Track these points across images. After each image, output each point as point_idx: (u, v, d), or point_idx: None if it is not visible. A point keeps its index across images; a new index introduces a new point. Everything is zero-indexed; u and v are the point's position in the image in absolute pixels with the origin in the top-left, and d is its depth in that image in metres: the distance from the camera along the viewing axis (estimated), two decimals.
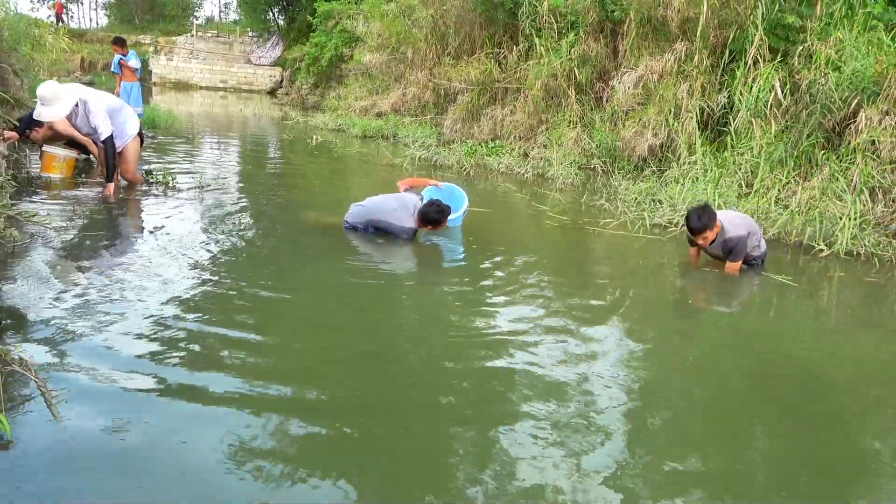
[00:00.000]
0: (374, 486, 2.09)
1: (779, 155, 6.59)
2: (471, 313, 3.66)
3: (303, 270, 4.28)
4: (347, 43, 19.15)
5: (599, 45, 9.61)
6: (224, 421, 2.35)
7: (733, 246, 4.52)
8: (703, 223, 4.37)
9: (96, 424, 2.26)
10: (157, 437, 2.22)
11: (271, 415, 2.44)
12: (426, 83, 12.98)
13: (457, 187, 5.64)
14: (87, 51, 28.43)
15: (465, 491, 2.08)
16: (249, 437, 2.27)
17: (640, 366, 3.15)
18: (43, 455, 2.09)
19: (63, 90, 5.51)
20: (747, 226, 4.58)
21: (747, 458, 2.45)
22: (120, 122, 5.89)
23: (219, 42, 31.48)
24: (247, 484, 2.04)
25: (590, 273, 4.90)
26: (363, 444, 2.33)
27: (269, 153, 10.99)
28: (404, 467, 2.21)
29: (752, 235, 4.58)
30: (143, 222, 5.20)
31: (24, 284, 3.47)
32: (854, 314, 4.40)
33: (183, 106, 19.14)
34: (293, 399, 2.59)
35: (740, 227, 4.54)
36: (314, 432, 2.36)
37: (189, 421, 2.35)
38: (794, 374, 3.24)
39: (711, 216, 4.39)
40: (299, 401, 2.59)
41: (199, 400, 2.49)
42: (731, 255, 4.56)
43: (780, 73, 7.07)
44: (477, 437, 2.42)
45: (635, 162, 8.33)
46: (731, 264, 4.59)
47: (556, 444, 2.38)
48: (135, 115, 6.28)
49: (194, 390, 2.56)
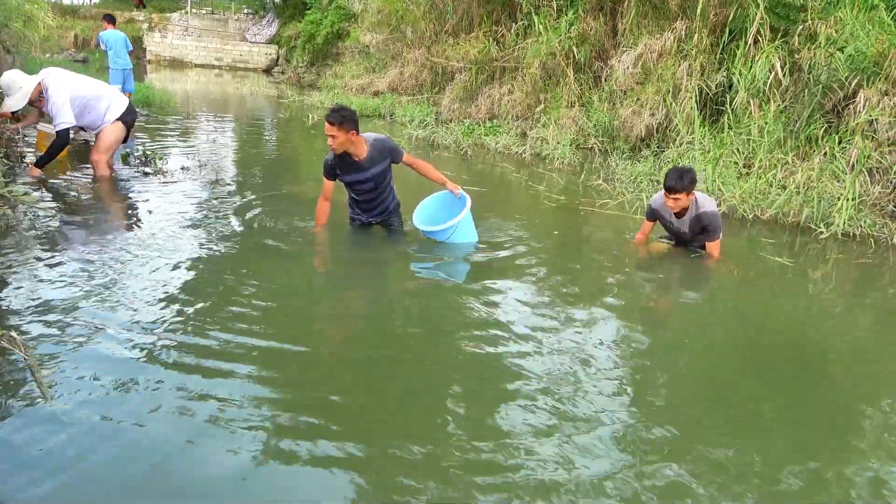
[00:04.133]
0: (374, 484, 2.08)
1: (778, 135, 6.55)
2: (466, 296, 3.65)
3: (294, 259, 4.26)
4: (343, 20, 18.92)
5: (598, 24, 9.51)
6: (218, 406, 2.35)
7: (709, 221, 4.30)
8: (683, 184, 4.11)
9: (85, 405, 2.26)
10: (147, 420, 2.22)
11: (266, 394, 2.44)
12: (424, 62, 12.86)
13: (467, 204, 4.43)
14: (81, 27, 28.00)
15: (467, 491, 2.09)
16: (242, 419, 2.27)
17: (639, 346, 3.16)
18: (31, 434, 2.09)
19: (22, 79, 5.14)
20: (715, 204, 4.40)
21: (747, 428, 2.46)
22: (101, 108, 5.49)
23: (214, 19, 31.03)
24: (240, 470, 2.04)
25: (588, 255, 4.89)
26: (360, 435, 2.33)
27: (265, 133, 10.90)
28: (405, 466, 2.21)
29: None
30: (136, 203, 5.15)
31: (15, 264, 3.45)
32: (849, 294, 4.41)
33: (178, 84, 18.95)
34: (289, 379, 2.59)
35: (711, 202, 4.37)
36: (320, 425, 2.37)
37: (181, 403, 2.34)
38: (791, 356, 3.25)
39: (693, 180, 4.16)
40: (299, 383, 2.59)
41: (192, 382, 2.48)
42: (707, 234, 4.36)
43: (781, 53, 7.01)
44: (477, 426, 2.42)
45: (633, 142, 8.29)
46: (712, 245, 4.38)
47: (559, 437, 2.39)
48: (121, 101, 5.70)
49: (187, 372, 2.55)
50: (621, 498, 2.04)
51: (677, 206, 4.24)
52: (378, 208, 4.51)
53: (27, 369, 2.39)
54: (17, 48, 9.42)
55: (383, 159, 4.28)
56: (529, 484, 2.05)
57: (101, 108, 5.49)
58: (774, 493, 2.13)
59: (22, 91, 5.11)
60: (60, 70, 5.47)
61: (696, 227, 4.36)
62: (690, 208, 4.32)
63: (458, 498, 1.98)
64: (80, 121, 5.45)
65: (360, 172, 4.25)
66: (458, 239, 4.43)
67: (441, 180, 4.45)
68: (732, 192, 5.95)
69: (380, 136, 4.32)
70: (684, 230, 4.42)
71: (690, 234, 4.41)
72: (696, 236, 4.42)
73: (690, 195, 4.21)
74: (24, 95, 5.11)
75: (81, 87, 5.38)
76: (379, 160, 4.26)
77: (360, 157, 4.19)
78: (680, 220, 4.39)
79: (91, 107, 5.43)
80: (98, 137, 5.63)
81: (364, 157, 4.20)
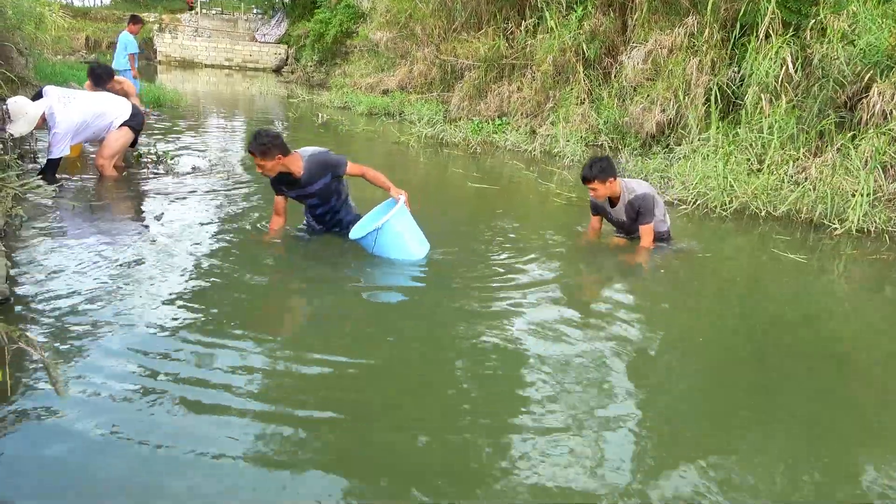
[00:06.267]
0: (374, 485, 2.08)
1: (790, 131, 6.49)
2: (474, 295, 3.64)
3: (307, 259, 4.27)
4: (352, 19, 18.95)
5: (609, 20, 9.47)
6: (229, 410, 2.34)
7: (639, 205, 4.24)
8: (594, 173, 4.12)
9: (99, 406, 2.28)
10: (160, 422, 2.24)
11: (280, 399, 2.45)
12: (433, 60, 12.85)
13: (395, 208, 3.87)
14: (92, 29, 28.21)
15: (471, 490, 2.08)
16: (257, 430, 2.27)
17: (651, 345, 3.14)
18: (46, 433, 2.10)
19: (25, 106, 5.11)
20: (650, 189, 4.35)
21: (762, 417, 2.45)
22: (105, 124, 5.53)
23: (223, 19, 31.20)
24: (249, 478, 2.03)
25: (596, 253, 4.86)
26: (363, 441, 2.33)
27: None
28: (405, 465, 2.21)
29: (656, 203, 4.32)
30: (148, 204, 5.18)
31: (32, 263, 3.48)
32: (864, 290, 4.36)
33: (189, 84, 19.05)
34: (299, 383, 2.60)
35: (644, 186, 4.33)
36: (325, 419, 2.37)
37: (193, 404, 2.35)
38: (806, 352, 3.22)
39: (607, 169, 4.14)
40: (305, 386, 2.59)
41: (205, 384, 2.48)
42: (640, 218, 4.28)
43: (792, 48, 6.95)
44: (483, 423, 2.42)
45: (643, 138, 8.25)
46: (644, 228, 4.28)
47: (572, 433, 2.38)
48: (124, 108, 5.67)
49: (200, 371, 2.56)
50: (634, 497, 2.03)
51: (600, 196, 4.26)
52: (331, 221, 4.34)
53: (41, 369, 2.41)
54: (29, 50, 9.50)
55: (324, 174, 4.06)
56: (533, 485, 2.05)
57: (105, 124, 5.55)
58: (797, 489, 2.11)
59: (27, 118, 5.11)
60: (63, 93, 5.42)
61: (631, 214, 4.31)
62: (622, 195, 4.29)
63: (457, 499, 1.98)
64: (84, 138, 5.60)
65: (302, 189, 4.09)
66: (391, 252, 3.89)
67: (385, 186, 4.08)
68: (744, 188, 5.91)
69: (317, 151, 4.11)
70: (622, 218, 4.38)
71: (629, 221, 4.34)
72: (635, 223, 4.34)
73: (608, 183, 4.18)
74: (29, 123, 5.13)
75: (82, 111, 5.36)
76: (319, 175, 4.05)
77: (297, 174, 4.01)
78: (615, 209, 4.35)
79: (94, 127, 5.49)
80: (104, 142, 5.65)
81: (302, 175, 4.01)
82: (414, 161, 8.47)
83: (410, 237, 3.96)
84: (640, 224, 4.30)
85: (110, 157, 5.65)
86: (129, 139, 5.76)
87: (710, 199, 5.89)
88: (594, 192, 4.24)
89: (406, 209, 3.92)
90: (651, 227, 4.29)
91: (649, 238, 4.32)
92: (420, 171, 5.06)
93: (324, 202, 4.20)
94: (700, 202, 5.91)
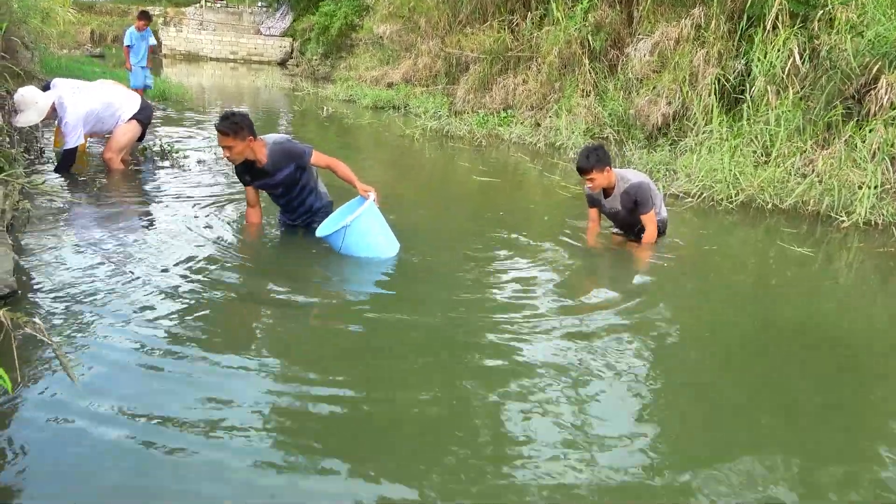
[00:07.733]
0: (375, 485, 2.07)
1: (797, 123, 6.45)
2: (479, 288, 3.64)
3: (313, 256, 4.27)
4: (357, 12, 18.90)
5: (615, 12, 9.42)
6: (239, 396, 2.37)
7: (636, 194, 4.17)
8: (590, 163, 4.07)
9: (110, 394, 2.29)
10: (172, 412, 2.25)
11: (293, 391, 2.46)
12: (438, 52, 12.81)
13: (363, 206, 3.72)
14: (97, 23, 28.24)
15: (471, 489, 2.09)
16: (268, 420, 2.28)
17: (658, 340, 3.13)
18: (55, 420, 2.12)
19: (36, 95, 5.14)
20: (644, 177, 4.32)
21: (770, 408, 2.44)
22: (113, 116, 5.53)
23: (228, 13, 31.13)
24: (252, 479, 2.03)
25: (600, 245, 4.85)
26: (367, 433, 2.34)
27: (280, 125, 10.93)
28: (405, 465, 2.21)
29: (653, 192, 4.28)
30: (154, 197, 5.18)
31: (39, 254, 3.50)
32: (871, 283, 4.35)
33: (194, 78, 19.06)
34: (309, 378, 2.61)
35: (637, 175, 4.29)
36: (334, 415, 2.38)
37: (202, 389, 2.36)
38: (814, 344, 3.21)
39: (604, 158, 4.10)
40: (315, 384, 2.60)
41: (213, 372, 2.50)
42: (639, 207, 4.22)
43: (800, 39, 6.89)
44: (483, 427, 2.42)
45: (649, 131, 8.20)
46: (646, 217, 4.23)
47: (571, 433, 2.38)
48: (133, 101, 5.69)
49: (207, 359, 2.58)
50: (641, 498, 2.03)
51: (596, 186, 4.21)
52: (298, 210, 4.20)
53: (45, 362, 2.43)
54: (35, 44, 9.53)
55: (288, 163, 3.91)
56: (534, 485, 2.04)
57: (114, 115, 5.54)
58: (811, 491, 2.11)
59: (37, 108, 5.13)
60: (72, 84, 5.46)
61: (627, 204, 4.25)
62: (617, 185, 4.24)
63: (458, 498, 1.98)
64: (94, 130, 5.58)
65: (267, 178, 3.96)
66: (359, 251, 3.74)
67: (350, 180, 3.93)
68: (751, 181, 5.88)
69: (280, 139, 3.98)
70: (617, 207, 4.32)
71: (625, 211, 4.29)
72: (632, 213, 4.29)
73: (605, 172, 4.14)
74: (39, 113, 5.15)
75: (91, 101, 5.37)
76: (283, 164, 3.91)
77: (262, 162, 3.87)
78: (609, 199, 4.30)
79: (103, 118, 5.50)
80: (111, 136, 5.67)
81: (266, 163, 3.88)
82: (419, 154, 8.46)
83: (380, 236, 3.80)
84: (640, 214, 4.25)
85: (118, 150, 5.65)
86: (137, 133, 5.76)
87: (715, 192, 5.87)
88: (591, 182, 4.17)
89: (375, 207, 3.77)
90: (653, 216, 4.26)
91: (652, 226, 4.28)
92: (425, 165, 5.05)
93: (287, 192, 4.07)
94: (706, 195, 5.89)
